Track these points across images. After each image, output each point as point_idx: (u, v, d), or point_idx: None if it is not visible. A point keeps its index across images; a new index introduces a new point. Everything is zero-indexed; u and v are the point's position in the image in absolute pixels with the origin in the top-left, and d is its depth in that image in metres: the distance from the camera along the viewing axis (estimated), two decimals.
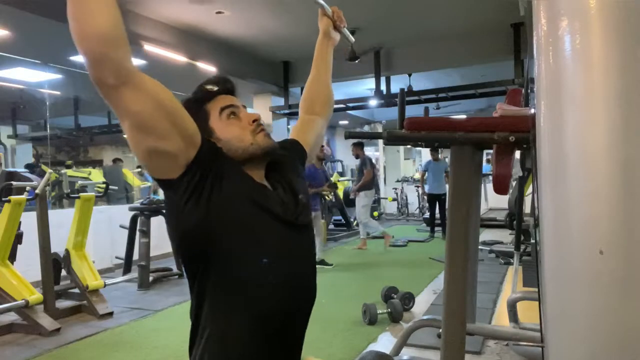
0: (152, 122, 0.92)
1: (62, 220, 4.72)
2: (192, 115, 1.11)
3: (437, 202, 8.40)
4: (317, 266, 1.25)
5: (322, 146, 6.44)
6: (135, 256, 5.38)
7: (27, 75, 7.40)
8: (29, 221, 4.20)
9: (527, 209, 3.95)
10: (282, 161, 1.20)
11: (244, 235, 1.03)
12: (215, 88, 1.15)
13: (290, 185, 1.17)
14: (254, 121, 1.12)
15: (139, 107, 0.90)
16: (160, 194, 5.91)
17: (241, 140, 1.09)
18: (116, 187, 7.22)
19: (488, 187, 9.04)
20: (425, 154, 16.87)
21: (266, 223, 1.07)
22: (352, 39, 1.56)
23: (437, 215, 8.48)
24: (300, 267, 1.13)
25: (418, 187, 12.03)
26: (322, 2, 1.42)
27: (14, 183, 4.23)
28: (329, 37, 1.48)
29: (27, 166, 8.81)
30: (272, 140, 1.13)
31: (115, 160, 9.53)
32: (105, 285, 4.39)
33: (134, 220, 5.49)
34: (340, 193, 9.75)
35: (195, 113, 1.11)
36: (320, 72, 1.49)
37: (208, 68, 6.48)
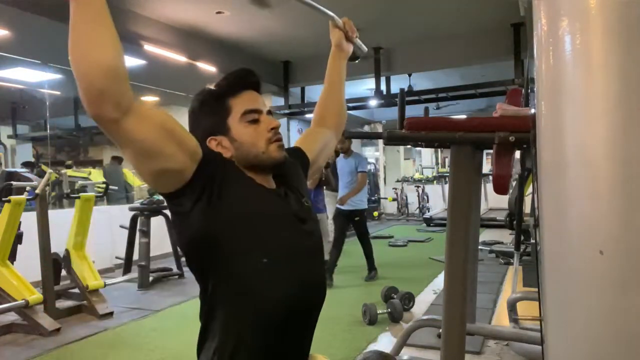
0: (157, 146, 0.92)
1: (62, 220, 4.72)
2: (211, 109, 1.12)
3: (352, 224, 5.41)
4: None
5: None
6: (135, 256, 5.38)
7: (27, 75, 7.39)
8: (29, 221, 4.20)
9: (527, 209, 3.95)
10: (286, 167, 1.20)
11: (250, 237, 1.04)
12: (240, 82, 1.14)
13: (293, 189, 1.18)
14: (272, 129, 1.12)
15: (143, 135, 0.90)
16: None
17: (254, 146, 1.10)
18: (116, 187, 7.21)
19: (488, 187, 9.04)
20: (426, 154, 16.90)
21: (271, 224, 1.08)
22: (365, 48, 1.56)
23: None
24: (307, 267, 1.13)
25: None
26: (333, 15, 1.41)
27: (14, 183, 4.23)
28: (341, 49, 1.46)
29: (25, 164, 8.72)
30: (283, 152, 1.14)
31: (115, 158, 8.97)
32: (105, 285, 4.39)
33: (134, 220, 5.49)
34: None
35: (215, 107, 1.12)
36: (333, 86, 1.48)
37: (208, 68, 6.48)
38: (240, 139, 1.10)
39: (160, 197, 5.61)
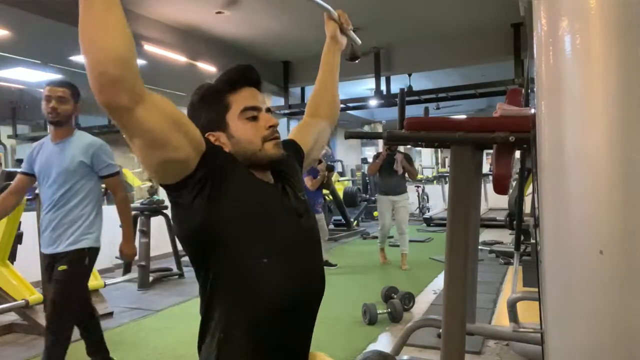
0: (166, 136, 0.92)
1: None
2: (210, 104, 1.11)
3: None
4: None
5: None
6: (135, 256, 5.37)
7: (27, 75, 7.39)
8: (29, 221, 4.19)
9: (527, 209, 3.95)
10: (284, 161, 1.20)
11: (249, 232, 1.04)
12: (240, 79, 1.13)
13: (290, 184, 1.18)
14: (270, 127, 1.12)
15: (152, 125, 0.90)
16: (160, 194, 5.91)
17: (251, 143, 1.10)
18: None
19: (488, 187, 9.04)
20: (426, 154, 16.90)
21: (271, 219, 1.08)
22: (359, 41, 1.56)
23: None
24: (306, 261, 1.13)
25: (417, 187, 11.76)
26: (328, 7, 1.41)
27: None
28: (336, 41, 1.47)
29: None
30: (280, 150, 1.13)
31: None
32: (105, 285, 4.38)
33: (134, 220, 5.48)
34: (341, 193, 9.75)
35: (214, 102, 1.12)
36: (326, 77, 1.48)
37: (208, 68, 6.48)
38: (238, 135, 1.09)
39: (160, 197, 5.62)
